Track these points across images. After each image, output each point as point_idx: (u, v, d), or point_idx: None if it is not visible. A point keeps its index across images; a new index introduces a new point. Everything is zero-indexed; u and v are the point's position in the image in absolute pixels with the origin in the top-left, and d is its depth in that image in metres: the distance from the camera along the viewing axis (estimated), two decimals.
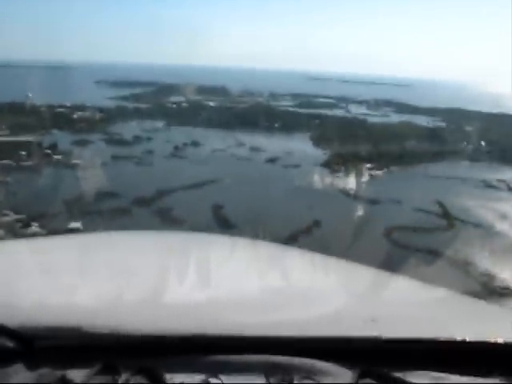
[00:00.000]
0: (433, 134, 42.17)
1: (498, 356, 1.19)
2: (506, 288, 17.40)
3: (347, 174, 29.88)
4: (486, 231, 22.19)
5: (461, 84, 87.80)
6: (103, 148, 33.39)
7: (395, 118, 50.06)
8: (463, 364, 1.16)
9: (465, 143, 39.36)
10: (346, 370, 1.13)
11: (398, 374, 1.12)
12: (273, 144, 36.91)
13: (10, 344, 1.13)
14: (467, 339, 1.19)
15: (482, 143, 39.05)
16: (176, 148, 35.39)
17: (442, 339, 1.20)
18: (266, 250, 2.30)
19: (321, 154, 34.60)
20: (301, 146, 37.09)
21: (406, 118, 49.24)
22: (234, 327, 1.23)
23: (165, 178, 27.18)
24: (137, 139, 37.04)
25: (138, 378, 1.09)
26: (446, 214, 24.30)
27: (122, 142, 35.67)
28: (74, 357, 1.13)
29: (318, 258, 2.25)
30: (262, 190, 25.59)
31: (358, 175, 29.84)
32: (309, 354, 1.16)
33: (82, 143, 34.65)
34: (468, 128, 44.73)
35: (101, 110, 43.69)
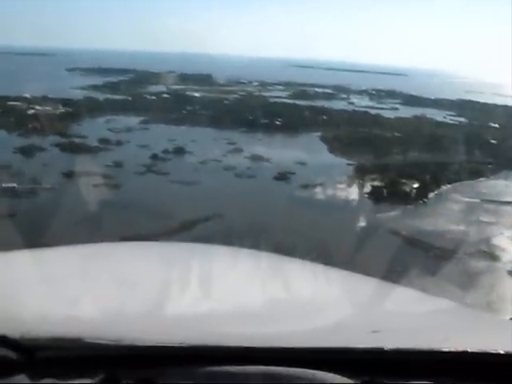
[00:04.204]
0: (460, 134, 32.97)
1: (499, 367, 1.14)
2: None
3: (391, 199, 20.58)
4: None
5: (454, 73, 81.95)
6: (56, 159, 23.48)
7: (405, 111, 42.00)
8: (464, 374, 1.12)
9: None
10: (348, 381, 1.08)
11: None
12: (278, 150, 27.34)
13: (12, 355, 1.08)
14: (468, 350, 1.13)
15: None
16: (154, 158, 25.51)
17: (443, 350, 1.14)
18: (268, 261, 2.17)
19: (343, 165, 25.12)
20: (314, 152, 27.43)
21: (416, 111, 41.26)
22: (236, 338, 1.18)
23: (136, 213, 17.50)
24: (104, 144, 27.18)
25: None
26: None
27: (83, 149, 25.69)
28: (75, 367, 1.09)
29: (320, 269, 2.13)
30: (278, 233, 16.16)
31: (405, 200, 20.59)
32: (310, 364, 1.10)
33: (29, 151, 24.71)
34: (494, 125, 37.40)
35: (65, 102, 34.13)
